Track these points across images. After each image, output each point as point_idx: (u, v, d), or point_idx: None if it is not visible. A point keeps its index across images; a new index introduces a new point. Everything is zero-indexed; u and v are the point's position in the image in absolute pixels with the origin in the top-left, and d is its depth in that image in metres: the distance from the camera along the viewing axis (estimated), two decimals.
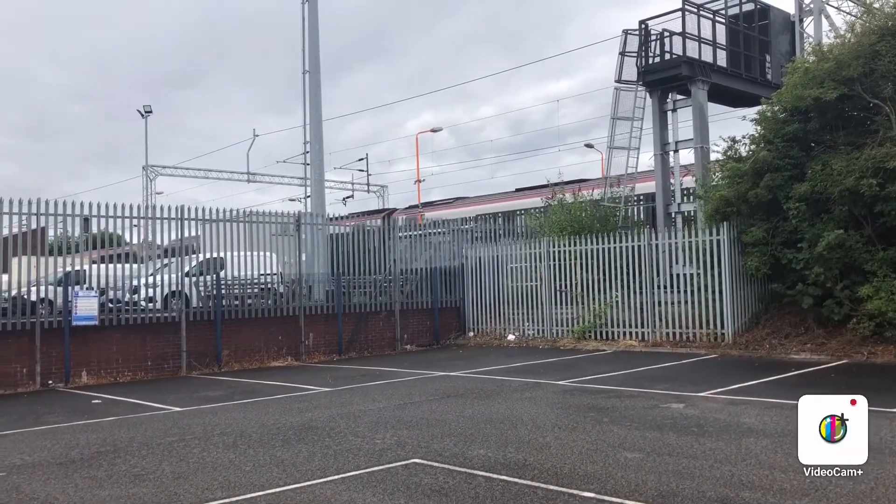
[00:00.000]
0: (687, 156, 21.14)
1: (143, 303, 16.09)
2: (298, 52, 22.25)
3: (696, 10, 20.24)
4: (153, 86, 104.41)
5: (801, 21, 21.95)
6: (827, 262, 14.68)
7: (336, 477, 6.87)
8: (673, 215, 20.85)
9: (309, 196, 23.01)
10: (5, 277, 14.94)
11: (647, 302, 17.98)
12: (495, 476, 6.65)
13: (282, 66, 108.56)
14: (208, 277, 17.01)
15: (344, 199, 51.66)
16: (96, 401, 12.54)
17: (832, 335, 15.07)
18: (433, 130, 48.08)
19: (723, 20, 20.97)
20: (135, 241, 17.61)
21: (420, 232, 23.01)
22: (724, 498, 5.82)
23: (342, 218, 23.73)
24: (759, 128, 16.79)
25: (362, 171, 51.45)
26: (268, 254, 18.45)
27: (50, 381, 14.47)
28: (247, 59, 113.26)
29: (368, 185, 52.02)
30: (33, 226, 15.08)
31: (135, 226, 17.19)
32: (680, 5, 19.95)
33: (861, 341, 14.41)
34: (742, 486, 6.14)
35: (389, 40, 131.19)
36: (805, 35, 21.81)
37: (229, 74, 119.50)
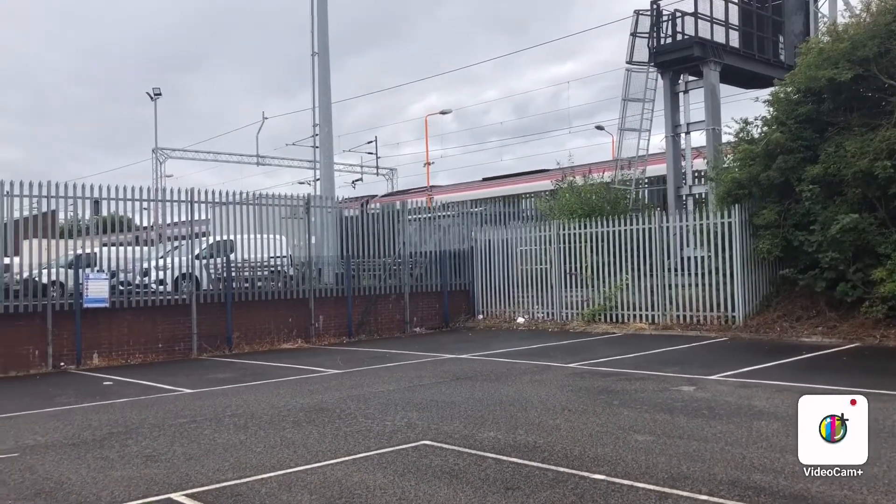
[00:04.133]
0: (698, 138, 20.99)
1: (153, 285, 16.15)
2: (301, 35, 22.40)
3: None
4: (156, 69, 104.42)
5: (815, 0, 21.66)
6: (840, 245, 14.57)
7: (347, 458, 6.89)
8: (684, 198, 20.72)
9: (318, 179, 23.00)
10: (17, 260, 15.01)
11: (657, 285, 17.91)
12: (505, 458, 6.65)
13: (283, 50, 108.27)
14: (218, 260, 17.05)
15: (353, 181, 51.64)
16: (108, 382, 12.62)
17: (844, 318, 14.98)
18: (443, 112, 47.93)
19: (735, 0, 20.73)
20: (145, 223, 17.65)
21: (429, 215, 22.97)
22: (736, 480, 5.80)
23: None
24: (771, 109, 16.60)
25: (371, 153, 51.35)
26: (277, 236, 18.45)
27: (62, 363, 14.57)
28: (249, 42, 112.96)
29: (378, 167, 51.96)
30: (44, 209, 15.12)
31: (145, 209, 17.23)
32: None
33: (873, 324, 14.32)
34: (753, 468, 6.12)
35: (393, 24, 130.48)
36: (820, 15, 21.51)
37: (232, 58, 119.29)
